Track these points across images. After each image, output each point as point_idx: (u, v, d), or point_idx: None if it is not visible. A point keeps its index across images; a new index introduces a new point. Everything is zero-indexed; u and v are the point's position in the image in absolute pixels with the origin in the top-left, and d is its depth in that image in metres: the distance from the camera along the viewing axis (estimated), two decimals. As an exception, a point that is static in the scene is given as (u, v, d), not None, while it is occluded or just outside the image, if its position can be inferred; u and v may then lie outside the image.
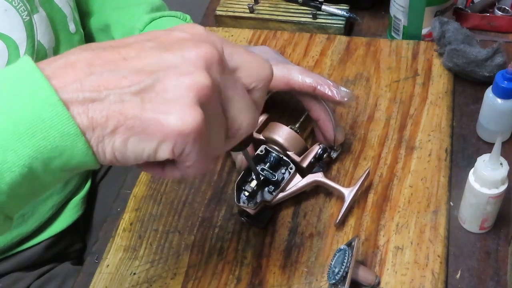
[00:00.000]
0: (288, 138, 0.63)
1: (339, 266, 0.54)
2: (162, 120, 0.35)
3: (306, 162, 0.63)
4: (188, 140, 0.36)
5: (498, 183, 0.55)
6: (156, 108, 0.35)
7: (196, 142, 0.36)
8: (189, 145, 0.36)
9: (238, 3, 0.91)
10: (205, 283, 0.60)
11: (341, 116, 0.73)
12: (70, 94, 0.34)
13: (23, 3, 0.62)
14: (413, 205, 0.63)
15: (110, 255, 0.63)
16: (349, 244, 0.57)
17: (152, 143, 0.35)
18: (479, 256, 0.60)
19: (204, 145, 0.37)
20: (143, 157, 0.36)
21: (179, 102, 0.35)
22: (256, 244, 0.62)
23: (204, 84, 0.36)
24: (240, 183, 0.63)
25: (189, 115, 0.35)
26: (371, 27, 0.88)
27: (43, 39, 0.65)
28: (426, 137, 0.69)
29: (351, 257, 0.54)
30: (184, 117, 0.35)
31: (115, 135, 0.35)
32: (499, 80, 0.63)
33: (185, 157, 0.37)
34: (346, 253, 0.55)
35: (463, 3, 0.85)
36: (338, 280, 0.54)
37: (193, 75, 0.36)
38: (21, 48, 0.63)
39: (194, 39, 0.38)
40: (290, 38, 0.85)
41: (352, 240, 0.56)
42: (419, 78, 0.76)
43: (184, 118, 0.35)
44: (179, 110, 0.35)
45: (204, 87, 0.36)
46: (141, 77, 0.35)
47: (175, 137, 0.35)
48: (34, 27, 0.64)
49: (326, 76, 0.78)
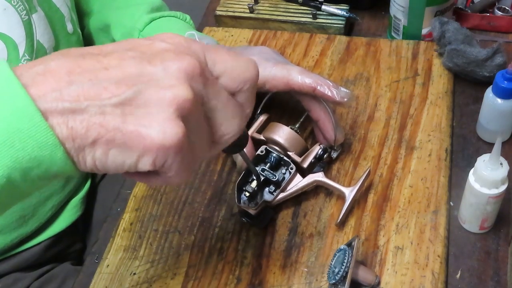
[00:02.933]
0: (289, 138, 0.63)
1: (339, 266, 0.54)
2: (143, 133, 0.35)
3: (307, 162, 0.63)
4: (169, 153, 0.36)
5: (498, 183, 0.55)
6: (137, 121, 0.35)
7: (177, 154, 0.36)
8: (170, 158, 0.36)
9: (238, 3, 0.91)
10: (205, 283, 0.60)
11: (341, 116, 0.73)
12: (49, 103, 0.33)
13: (22, 2, 0.62)
14: (413, 205, 0.63)
15: (110, 255, 0.63)
16: (349, 244, 0.57)
17: (133, 155, 0.36)
18: (479, 256, 0.60)
19: (186, 156, 0.37)
20: (124, 168, 0.36)
21: (160, 116, 0.35)
22: (256, 244, 0.62)
23: (185, 97, 0.36)
24: (240, 184, 0.63)
25: (170, 129, 0.35)
26: (371, 27, 0.88)
27: (42, 38, 0.65)
28: (426, 137, 0.69)
29: (351, 257, 0.54)
30: (165, 130, 0.35)
31: (96, 146, 0.35)
32: (499, 80, 0.63)
33: (167, 168, 0.37)
34: (346, 253, 0.55)
35: (463, 3, 0.85)
36: (338, 280, 0.54)
37: (175, 88, 0.36)
38: (20, 48, 0.63)
39: (176, 50, 0.38)
40: (290, 38, 0.85)
41: (352, 240, 0.56)
42: (419, 78, 0.76)
43: (165, 131, 0.35)
44: (160, 124, 0.35)
45: (186, 100, 0.36)
46: (122, 88, 0.35)
47: (156, 151, 0.35)
48: (33, 26, 0.64)
49: (326, 76, 0.78)
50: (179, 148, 0.36)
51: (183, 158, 0.37)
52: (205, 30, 0.88)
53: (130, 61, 0.36)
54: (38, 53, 0.65)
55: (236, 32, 0.87)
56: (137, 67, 0.36)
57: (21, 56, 0.63)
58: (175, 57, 0.37)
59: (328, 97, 0.62)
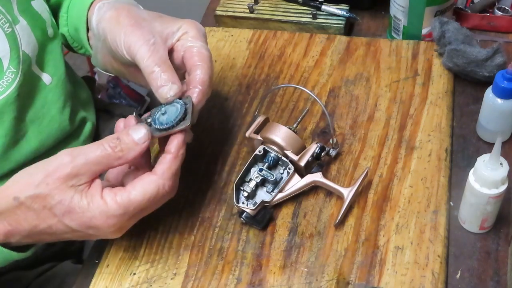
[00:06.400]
0: (286, 138, 0.64)
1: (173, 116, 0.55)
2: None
3: (304, 160, 0.63)
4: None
5: (498, 183, 0.55)
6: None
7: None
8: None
9: (238, 3, 0.91)
10: (205, 283, 0.60)
11: (341, 116, 0.73)
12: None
13: (4, 15, 0.62)
14: (413, 205, 0.63)
15: (110, 255, 0.63)
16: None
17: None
18: (479, 256, 0.60)
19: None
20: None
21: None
22: (256, 244, 0.62)
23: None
24: (238, 184, 0.63)
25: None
26: (371, 27, 0.88)
27: (27, 48, 0.66)
28: (426, 137, 0.69)
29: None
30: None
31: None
32: (499, 80, 0.63)
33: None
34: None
35: (463, 3, 0.85)
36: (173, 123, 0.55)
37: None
38: (4, 61, 0.63)
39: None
40: (290, 38, 0.85)
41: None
42: (419, 78, 0.76)
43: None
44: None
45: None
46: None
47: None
48: (17, 37, 0.64)
49: (326, 76, 0.78)
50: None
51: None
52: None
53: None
54: (24, 64, 0.65)
55: (236, 32, 0.87)
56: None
57: (5, 68, 0.63)
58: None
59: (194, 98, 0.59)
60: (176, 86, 0.56)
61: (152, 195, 0.53)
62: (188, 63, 0.60)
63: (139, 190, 0.53)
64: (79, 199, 0.52)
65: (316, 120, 0.73)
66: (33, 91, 0.68)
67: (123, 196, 0.52)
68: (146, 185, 0.53)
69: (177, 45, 0.61)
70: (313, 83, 0.78)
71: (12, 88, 0.64)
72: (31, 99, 0.68)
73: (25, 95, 0.66)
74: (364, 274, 0.58)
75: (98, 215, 0.52)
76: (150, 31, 0.58)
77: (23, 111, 0.67)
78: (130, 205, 0.53)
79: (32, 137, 0.69)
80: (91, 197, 0.52)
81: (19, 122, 0.66)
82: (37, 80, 0.69)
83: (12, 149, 0.66)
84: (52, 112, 0.71)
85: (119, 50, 0.58)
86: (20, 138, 0.67)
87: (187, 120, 0.56)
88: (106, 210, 0.52)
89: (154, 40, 0.57)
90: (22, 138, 0.68)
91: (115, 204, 0.52)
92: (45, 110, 0.70)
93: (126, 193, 0.53)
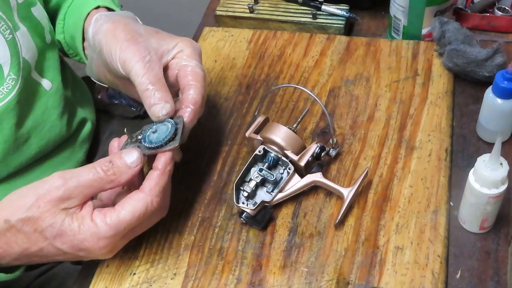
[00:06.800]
0: (286, 138, 0.64)
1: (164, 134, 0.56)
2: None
3: (304, 160, 0.63)
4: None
5: (498, 183, 0.55)
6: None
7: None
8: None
9: (238, 3, 0.91)
10: (205, 283, 0.60)
11: (341, 116, 0.73)
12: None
13: (5, 22, 0.62)
14: (413, 205, 0.63)
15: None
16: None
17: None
18: (479, 256, 0.60)
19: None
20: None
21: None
22: (256, 244, 0.62)
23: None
24: (238, 184, 0.63)
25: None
26: (371, 27, 0.88)
27: (27, 55, 0.66)
28: (426, 137, 0.69)
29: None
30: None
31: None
32: (499, 80, 0.63)
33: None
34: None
35: (463, 3, 0.85)
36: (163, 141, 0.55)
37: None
38: (4, 67, 0.63)
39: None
40: (290, 38, 0.85)
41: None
42: (419, 78, 0.76)
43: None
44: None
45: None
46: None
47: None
48: (18, 44, 0.64)
49: (326, 76, 0.78)
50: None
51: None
52: (205, 30, 0.88)
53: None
54: (24, 70, 0.65)
55: (236, 32, 0.87)
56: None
57: (6, 75, 0.63)
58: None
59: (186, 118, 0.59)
60: (169, 105, 0.56)
61: (142, 212, 0.53)
62: (182, 81, 0.60)
63: (128, 209, 0.53)
64: (70, 222, 0.52)
65: (316, 120, 0.73)
66: (33, 98, 0.68)
67: (112, 216, 0.52)
68: (135, 203, 0.53)
69: (172, 63, 0.61)
70: (313, 83, 0.78)
71: (13, 95, 0.64)
72: (32, 105, 0.68)
73: (25, 102, 0.66)
74: (364, 274, 0.58)
75: (89, 237, 0.52)
76: (146, 48, 0.58)
77: (24, 118, 0.67)
78: (120, 226, 0.52)
79: (32, 143, 0.69)
80: (81, 219, 0.52)
81: (19, 128, 0.66)
82: (37, 86, 0.69)
83: (11, 155, 0.66)
84: (52, 118, 0.71)
85: (113, 64, 0.58)
86: (20, 145, 0.67)
87: (176, 140, 0.56)
88: (97, 232, 0.52)
89: (150, 57, 0.57)
90: (23, 145, 0.68)
91: (105, 226, 0.52)
92: (45, 117, 0.70)
93: (116, 213, 0.53)
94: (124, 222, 0.53)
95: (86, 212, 0.53)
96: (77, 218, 0.52)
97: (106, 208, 0.53)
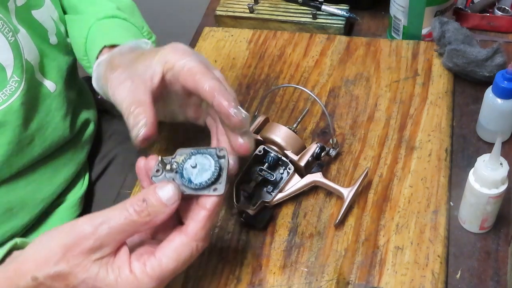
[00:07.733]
0: (286, 138, 0.64)
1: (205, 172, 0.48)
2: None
3: (304, 160, 0.63)
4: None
5: (498, 183, 0.55)
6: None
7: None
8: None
9: (238, 3, 0.91)
10: (205, 283, 0.60)
11: (341, 116, 0.73)
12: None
13: (7, 24, 0.62)
14: (413, 205, 0.63)
15: (110, 255, 0.63)
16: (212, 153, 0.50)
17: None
18: (479, 256, 0.60)
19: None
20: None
21: None
22: (256, 244, 0.62)
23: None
24: (238, 184, 0.63)
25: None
26: (371, 27, 0.88)
27: (30, 56, 0.66)
28: (426, 137, 0.69)
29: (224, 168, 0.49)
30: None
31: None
32: (499, 80, 0.63)
33: None
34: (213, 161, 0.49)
35: (463, 3, 0.85)
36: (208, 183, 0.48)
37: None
38: (8, 70, 0.63)
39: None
40: (290, 38, 0.85)
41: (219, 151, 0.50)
42: (419, 78, 0.76)
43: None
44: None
45: None
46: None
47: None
48: (20, 46, 0.64)
49: (326, 76, 0.78)
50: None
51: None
52: (205, 30, 0.88)
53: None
54: (27, 72, 0.65)
55: (236, 32, 0.87)
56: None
57: (9, 77, 0.63)
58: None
59: (223, 108, 0.55)
60: (143, 121, 0.53)
61: (186, 259, 0.48)
62: (189, 85, 0.55)
63: (170, 257, 0.47)
64: (105, 275, 0.46)
65: (316, 120, 0.73)
66: (37, 99, 0.68)
67: (154, 265, 0.46)
68: (179, 249, 0.47)
69: (168, 79, 0.57)
70: (313, 83, 0.78)
71: (16, 96, 0.64)
72: (36, 107, 0.68)
73: (29, 103, 0.66)
74: (364, 274, 0.58)
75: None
76: (129, 77, 0.57)
77: (28, 119, 0.67)
78: (162, 275, 0.47)
79: (36, 145, 0.69)
80: (118, 270, 0.46)
81: (23, 130, 0.66)
82: (41, 87, 0.69)
83: (15, 156, 0.66)
84: (56, 119, 0.71)
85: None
86: (24, 146, 0.67)
87: (221, 184, 0.48)
88: (137, 285, 0.46)
89: (131, 84, 0.56)
90: (27, 146, 0.68)
91: (147, 277, 0.46)
92: (49, 118, 0.70)
93: (157, 261, 0.47)
94: (167, 272, 0.47)
95: (123, 262, 0.47)
96: (113, 270, 0.46)
97: (145, 255, 0.48)
